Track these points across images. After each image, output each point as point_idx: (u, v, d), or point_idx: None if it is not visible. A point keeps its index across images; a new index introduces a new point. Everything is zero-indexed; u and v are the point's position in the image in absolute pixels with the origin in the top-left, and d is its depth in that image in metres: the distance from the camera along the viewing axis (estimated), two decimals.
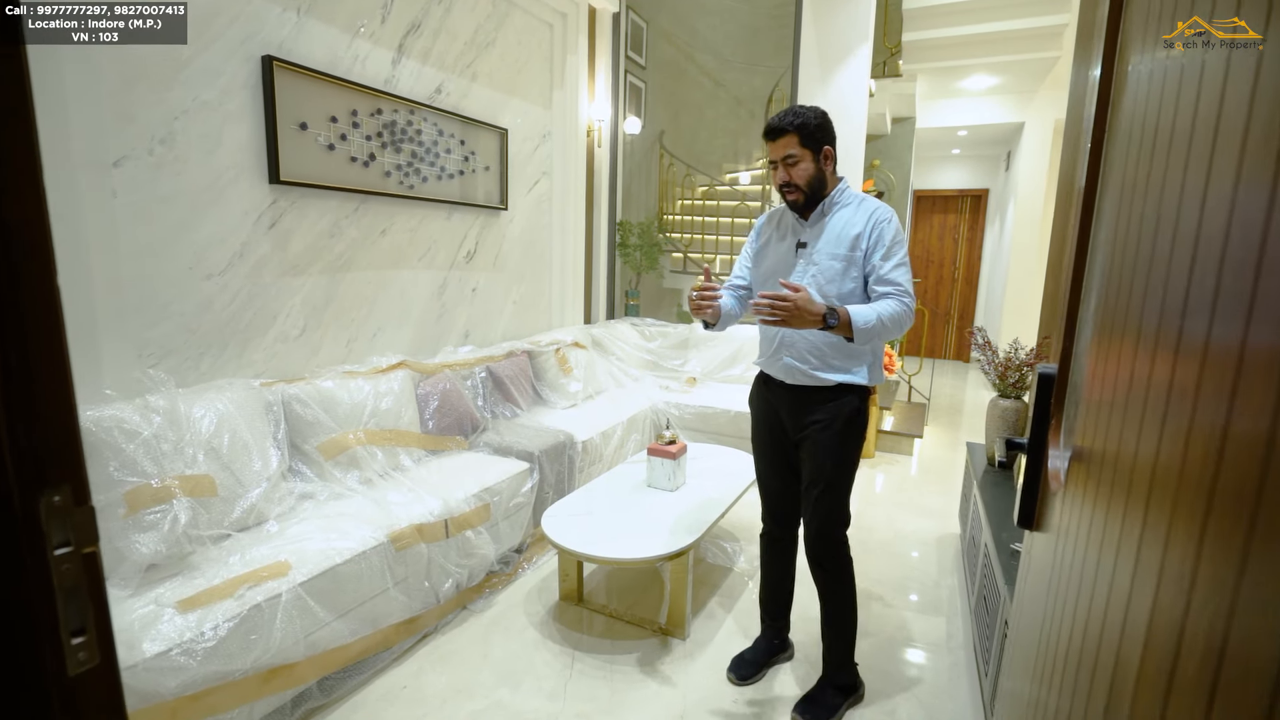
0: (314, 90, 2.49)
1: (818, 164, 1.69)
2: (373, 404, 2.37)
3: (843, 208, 1.72)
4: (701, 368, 4.12)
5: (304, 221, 2.54)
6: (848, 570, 1.81)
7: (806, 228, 1.75)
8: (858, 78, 3.88)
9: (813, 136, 1.67)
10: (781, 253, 1.80)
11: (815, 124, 1.67)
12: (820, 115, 1.70)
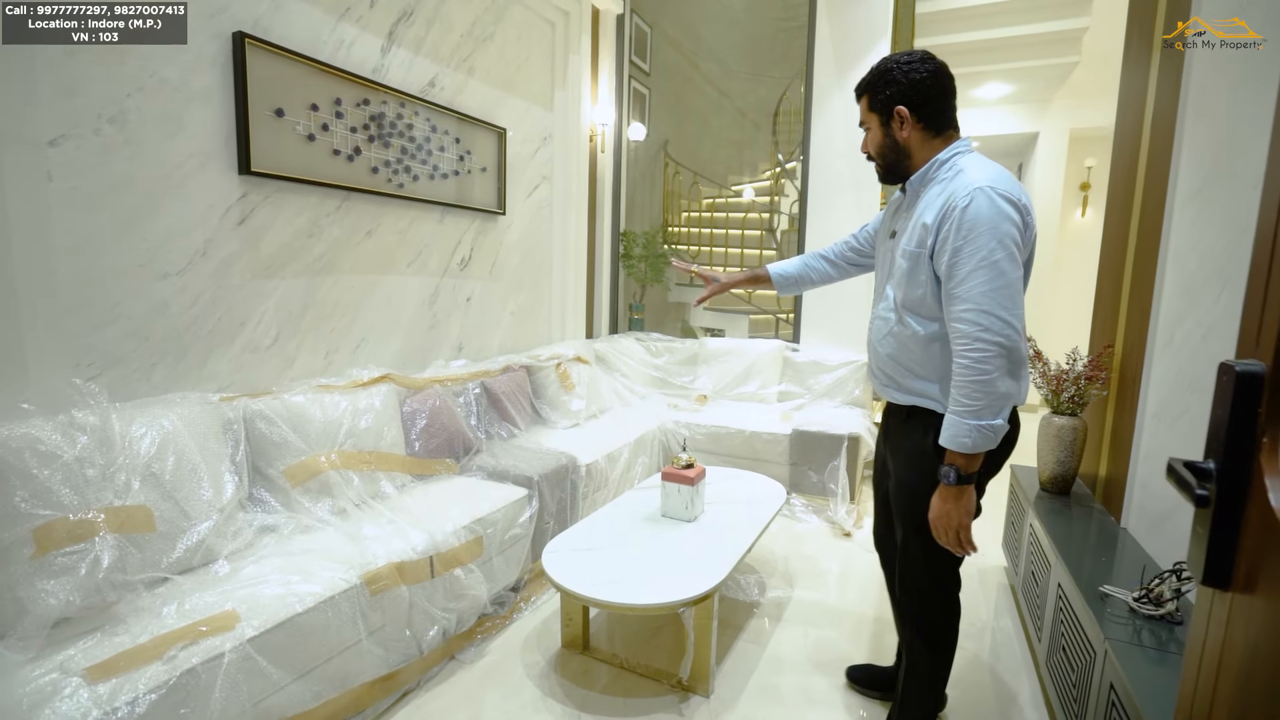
0: (292, 74, 2.25)
1: (886, 130, 1.36)
2: (350, 422, 2.08)
3: (934, 184, 1.31)
4: (713, 385, 3.84)
5: (279, 218, 2.28)
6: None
7: (903, 211, 1.40)
8: None
9: (877, 99, 1.35)
10: (881, 241, 1.53)
11: (880, 80, 1.34)
12: (891, 67, 1.33)
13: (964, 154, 1.31)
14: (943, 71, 1.33)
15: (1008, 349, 1.17)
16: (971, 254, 1.19)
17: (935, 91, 1.31)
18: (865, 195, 3.76)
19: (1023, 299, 1.21)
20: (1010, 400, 1.20)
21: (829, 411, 3.52)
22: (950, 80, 1.34)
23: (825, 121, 3.81)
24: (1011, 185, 1.23)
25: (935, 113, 1.32)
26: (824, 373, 3.72)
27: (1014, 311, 1.18)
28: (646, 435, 3.30)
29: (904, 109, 1.32)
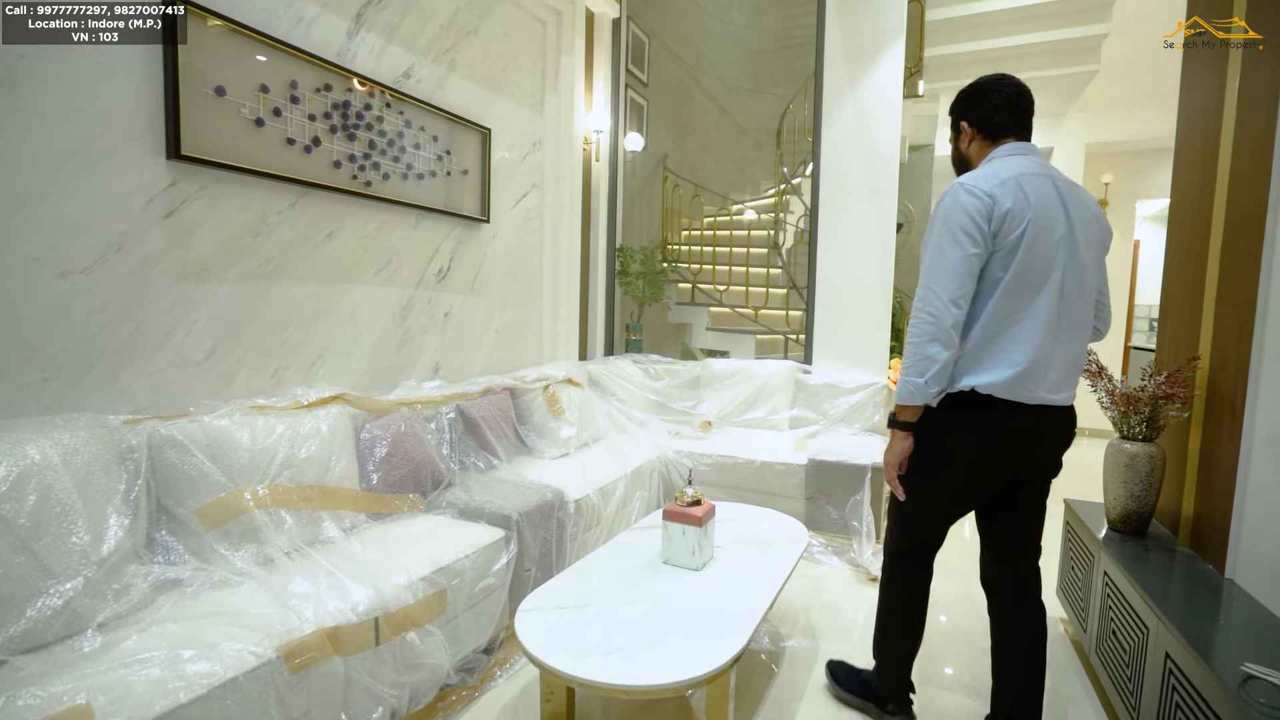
0: (237, 48, 1.96)
1: (956, 143, 1.58)
2: (287, 450, 1.73)
3: None
4: (718, 410, 3.49)
5: (217, 212, 1.97)
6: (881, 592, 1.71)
7: None
8: (890, 79, 3.42)
9: (954, 111, 1.56)
10: None
11: (960, 97, 1.55)
12: (971, 87, 1.52)
13: (999, 158, 1.45)
14: (986, 86, 1.50)
15: (935, 317, 1.33)
16: (928, 239, 1.40)
17: (985, 105, 1.49)
18: (882, 203, 3.47)
19: (960, 276, 1.32)
20: (935, 364, 1.33)
21: (847, 439, 3.16)
22: (994, 92, 1.49)
23: (837, 127, 3.55)
24: (985, 179, 1.35)
25: (986, 123, 1.50)
26: (840, 396, 3.38)
27: (945, 286, 1.32)
28: (645, 466, 2.93)
29: (965, 124, 1.53)
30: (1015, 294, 1.34)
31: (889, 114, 3.43)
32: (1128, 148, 5.58)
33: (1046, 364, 1.36)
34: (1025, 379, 1.34)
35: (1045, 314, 1.34)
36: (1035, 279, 1.34)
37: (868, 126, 3.47)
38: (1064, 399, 1.40)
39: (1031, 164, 1.40)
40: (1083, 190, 1.45)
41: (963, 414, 1.39)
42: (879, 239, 3.47)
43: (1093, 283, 1.42)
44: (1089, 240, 1.39)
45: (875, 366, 3.48)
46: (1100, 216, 1.45)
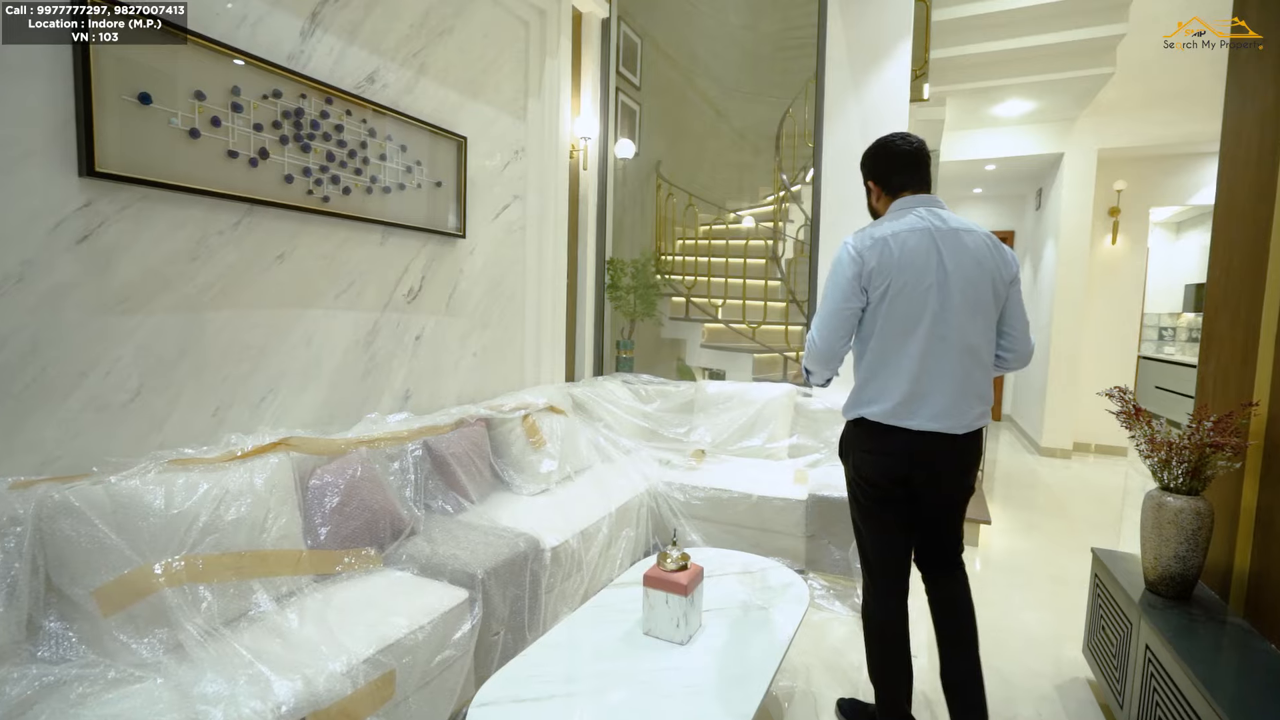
0: (166, 51, 1.74)
1: (868, 200, 1.78)
2: (211, 512, 1.50)
3: None
4: (712, 437, 3.27)
5: (143, 235, 1.75)
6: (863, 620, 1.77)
7: None
8: (896, 83, 3.20)
9: (862, 170, 1.76)
10: None
11: (864, 158, 1.75)
12: (870, 149, 1.73)
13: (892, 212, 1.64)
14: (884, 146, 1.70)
15: (812, 349, 1.67)
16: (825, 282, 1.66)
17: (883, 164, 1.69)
18: None
19: (833, 323, 1.61)
20: (811, 375, 1.75)
21: None
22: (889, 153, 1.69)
23: (839, 132, 3.33)
24: (862, 239, 1.59)
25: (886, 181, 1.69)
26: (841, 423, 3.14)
27: (822, 329, 1.63)
28: (632, 503, 2.71)
29: (870, 183, 1.73)
30: (889, 336, 1.57)
31: (895, 119, 3.21)
32: (1141, 153, 5.37)
33: (923, 396, 1.55)
34: (903, 409, 1.55)
35: (918, 353, 1.55)
36: (906, 324, 1.55)
37: (873, 131, 3.24)
38: (952, 426, 1.55)
39: (915, 219, 1.58)
40: (974, 234, 1.59)
41: (861, 437, 1.65)
42: None
43: (976, 321, 1.56)
44: (967, 283, 1.55)
45: None
46: (986, 259, 1.57)
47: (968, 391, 1.56)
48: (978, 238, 1.58)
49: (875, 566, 1.70)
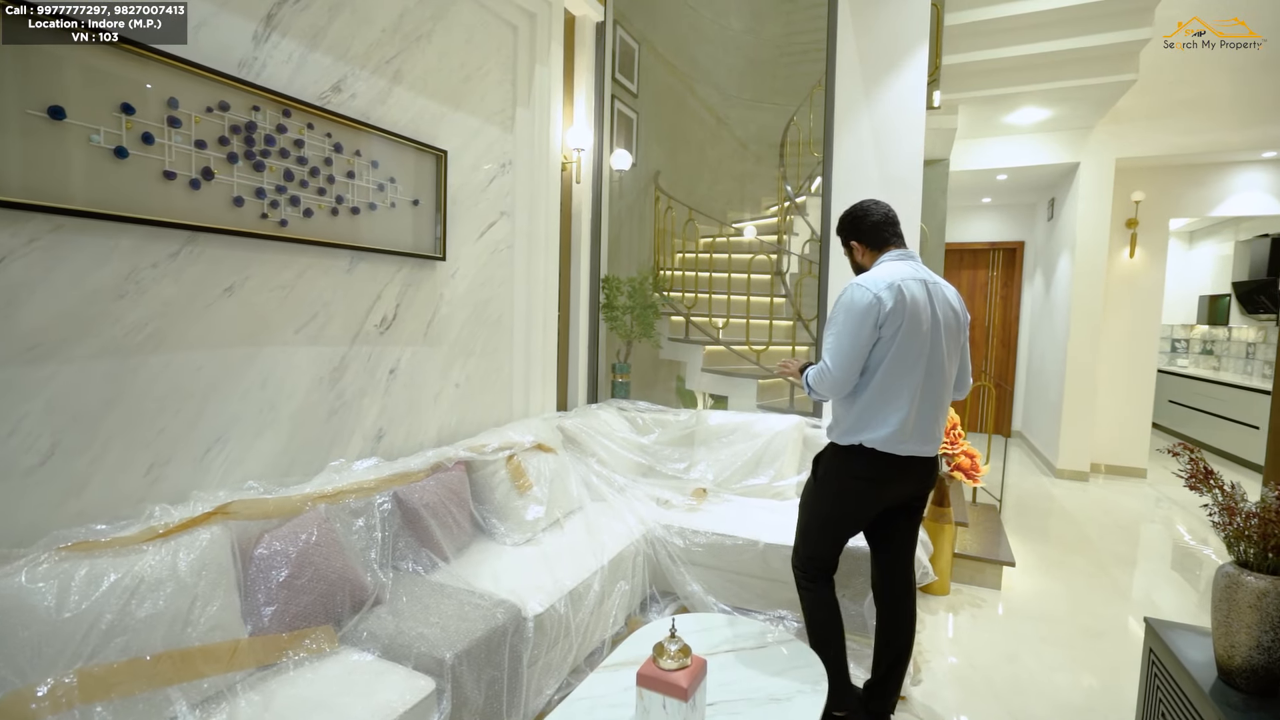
0: (85, 56, 1.51)
1: (853, 256, 2.01)
2: (119, 610, 1.26)
3: None
4: (714, 474, 3.03)
5: (58, 271, 1.51)
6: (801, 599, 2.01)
7: None
8: (911, 91, 2.97)
9: (841, 233, 2.02)
10: None
11: (841, 224, 2.01)
12: (846, 214, 1.99)
13: (887, 262, 1.87)
14: (864, 210, 1.97)
15: (828, 382, 1.81)
16: (832, 322, 1.83)
17: (867, 224, 1.95)
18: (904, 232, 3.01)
19: (851, 360, 1.78)
20: (818, 397, 1.90)
21: None
22: (872, 218, 1.95)
23: (851, 143, 3.10)
24: (874, 282, 1.77)
25: (872, 239, 1.94)
26: None
27: (840, 365, 1.79)
28: (626, 552, 2.47)
29: (854, 242, 1.98)
30: (893, 373, 1.76)
31: (909, 130, 2.98)
32: (1161, 163, 5.14)
33: (913, 426, 1.78)
34: (897, 437, 1.76)
35: (915, 387, 1.77)
36: (908, 362, 1.76)
37: (886, 144, 3.02)
38: (928, 450, 1.83)
39: (910, 269, 1.82)
40: (946, 286, 1.87)
41: (855, 461, 1.81)
42: None
43: (952, 362, 1.86)
44: (948, 329, 1.82)
45: None
46: (958, 309, 1.88)
47: (940, 419, 1.84)
48: (952, 290, 1.89)
49: (818, 570, 1.95)
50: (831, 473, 1.86)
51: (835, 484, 1.85)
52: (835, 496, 1.86)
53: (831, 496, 1.86)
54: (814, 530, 1.92)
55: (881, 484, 1.81)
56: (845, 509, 1.87)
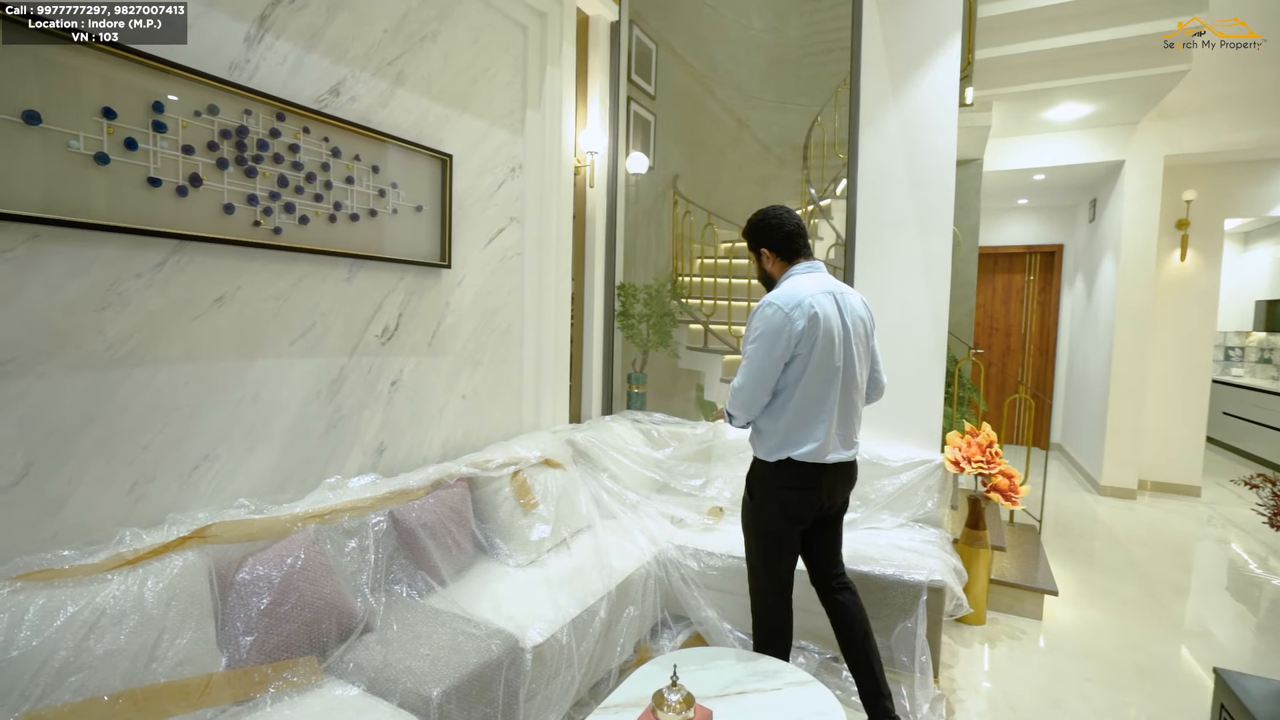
0: (62, 58, 1.45)
1: (761, 264, 1.99)
2: (75, 646, 1.17)
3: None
4: (732, 491, 2.88)
5: (31, 284, 1.44)
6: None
7: None
8: (942, 87, 2.80)
9: (752, 238, 1.98)
10: None
11: (753, 228, 1.97)
12: (757, 219, 1.96)
13: (796, 275, 1.90)
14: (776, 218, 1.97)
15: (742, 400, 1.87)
16: (749, 336, 1.85)
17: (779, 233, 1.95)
18: (935, 238, 2.84)
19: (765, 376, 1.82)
20: (734, 420, 1.94)
21: (892, 537, 2.52)
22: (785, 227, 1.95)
23: (877, 143, 2.93)
24: (786, 300, 1.80)
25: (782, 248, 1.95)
26: (883, 476, 2.74)
27: (753, 380, 1.83)
28: (637, 575, 2.34)
29: (765, 249, 1.96)
30: (812, 388, 1.81)
31: (941, 130, 2.81)
32: (1214, 160, 4.84)
33: (834, 435, 1.85)
34: (822, 448, 1.82)
35: (834, 399, 1.83)
36: (826, 375, 1.81)
37: (916, 144, 2.85)
38: (850, 455, 1.91)
39: (817, 282, 1.86)
40: (853, 294, 1.93)
41: (787, 473, 1.85)
42: (931, 281, 2.83)
43: (864, 368, 1.92)
44: (858, 337, 1.87)
45: (927, 439, 2.84)
46: (865, 316, 1.93)
47: (856, 424, 1.91)
48: (859, 297, 1.95)
49: (782, 586, 1.95)
50: (769, 490, 1.89)
51: (776, 499, 1.87)
52: (779, 510, 1.88)
53: (775, 512, 1.88)
54: (771, 550, 1.92)
55: (815, 490, 1.86)
56: (790, 520, 1.89)
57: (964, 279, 5.12)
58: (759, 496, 1.92)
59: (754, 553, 1.97)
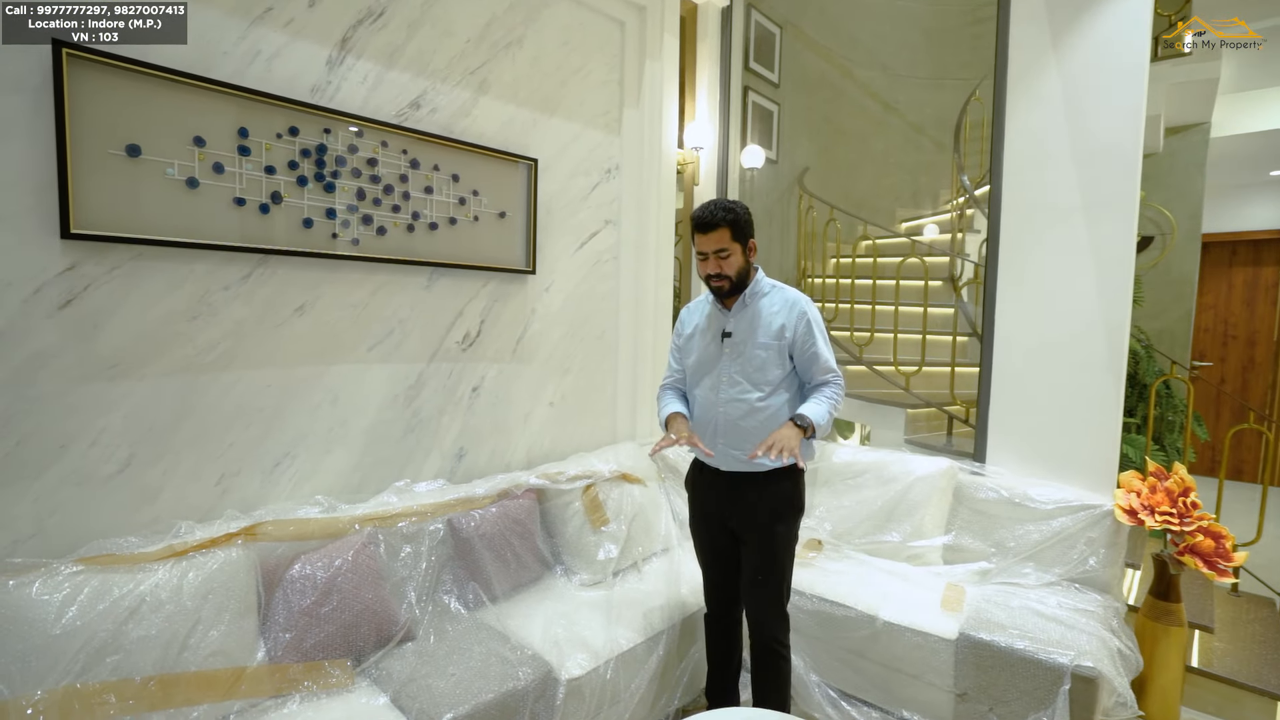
0: (159, 97, 1.61)
1: (745, 256, 1.77)
2: (114, 629, 1.27)
3: (763, 297, 1.80)
4: (833, 523, 2.52)
5: (134, 296, 1.63)
6: (784, 683, 1.82)
7: (730, 317, 1.81)
8: (1124, 32, 2.20)
9: (742, 231, 1.74)
10: (706, 343, 1.85)
11: (744, 219, 1.75)
12: (746, 210, 1.77)
13: (764, 276, 1.85)
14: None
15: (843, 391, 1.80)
16: (822, 336, 1.77)
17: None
18: (1111, 222, 2.24)
19: None
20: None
21: (1032, 598, 2.02)
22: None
23: (1030, 111, 2.40)
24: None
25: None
26: (1028, 521, 2.22)
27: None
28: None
29: (753, 241, 1.79)
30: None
31: (1123, 83, 2.21)
32: None
33: None
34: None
35: None
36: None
37: (1083, 106, 2.28)
38: None
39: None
40: None
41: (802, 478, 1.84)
42: (1104, 277, 2.24)
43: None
44: None
45: (1092, 477, 2.25)
46: None
47: None
48: None
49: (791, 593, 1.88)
50: (801, 496, 1.83)
51: (801, 508, 1.84)
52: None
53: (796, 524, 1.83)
54: (790, 573, 1.83)
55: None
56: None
57: (1178, 274, 4.11)
58: (798, 502, 1.82)
59: (789, 570, 1.84)
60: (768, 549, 1.75)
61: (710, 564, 1.91)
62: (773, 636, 1.78)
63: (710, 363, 1.83)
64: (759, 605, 1.79)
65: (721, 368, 1.80)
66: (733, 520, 1.80)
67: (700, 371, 1.85)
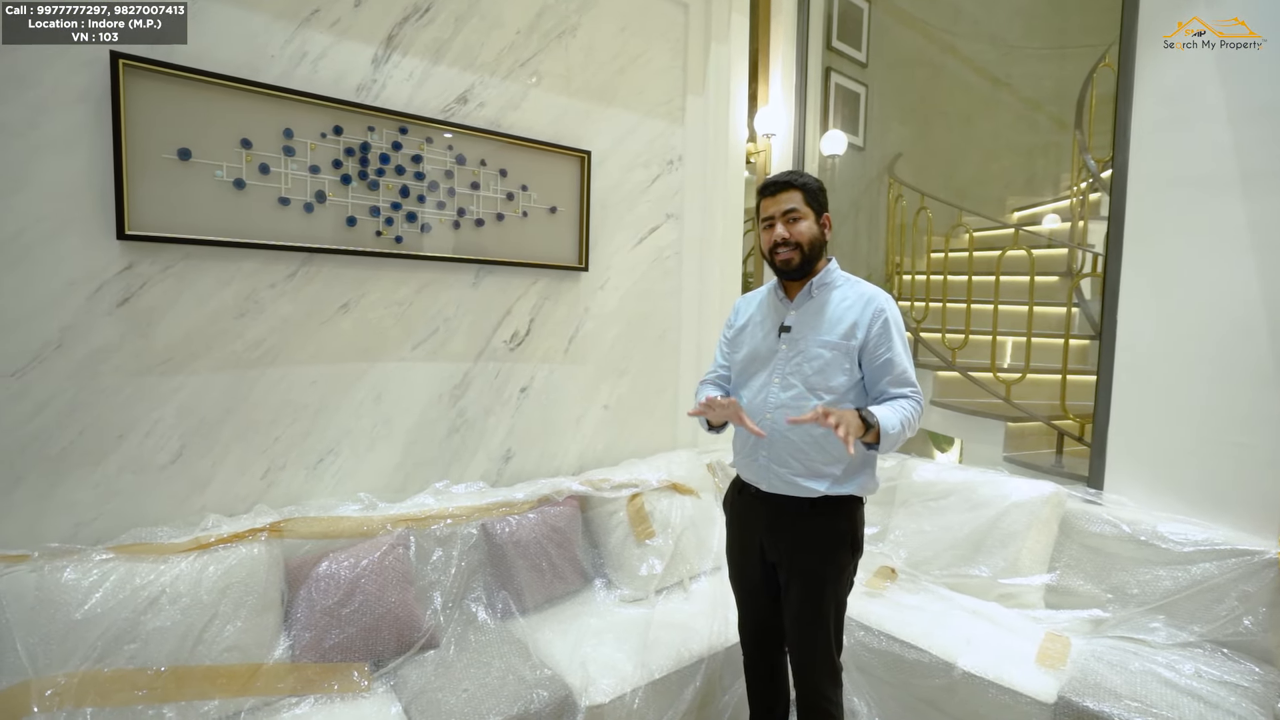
0: (208, 101, 1.67)
1: (819, 226, 1.53)
2: (134, 618, 1.30)
3: (834, 289, 1.54)
4: (910, 550, 2.21)
5: (187, 294, 1.69)
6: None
7: (791, 309, 1.56)
8: None
9: (815, 198, 1.53)
10: (760, 337, 1.60)
11: (817, 187, 1.55)
12: (821, 183, 1.57)
13: (838, 267, 1.58)
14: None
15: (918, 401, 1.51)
16: (903, 345, 1.49)
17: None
18: (1272, 202, 1.81)
19: None
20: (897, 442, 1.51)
21: (1166, 662, 1.64)
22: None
23: (1163, 76, 1.98)
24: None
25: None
26: (1160, 564, 1.82)
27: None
28: None
29: (828, 216, 1.55)
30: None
31: None
32: None
33: None
34: None
35: None
36: None
37: (1237, 58, 1.85)
38: None
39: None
40: None
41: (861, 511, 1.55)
42: (1266, 265, 1.81)
43: None
44: None
45: (1247, 515, 1.81)
46: None
47: None
48: None
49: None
50: (857, 532, 1.54)
51: (859, 546, 1.56)
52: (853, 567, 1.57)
53: (852, 565, 1.56)
54: (841, 620, 1.58)
55: None
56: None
57: None
58: (855, 540, 1.53)
59: (840, 618, 1.57)
60: (814, 594, 1.49)
61: (745, 600, 1.67)
62: (819, 692, 1.53)
63: (763, 360, 1.56)
64: (803, 654, 1.54)
65: (775, 367, 1.53)
66: (774, 554, 1.55)
67: (749, 370, 1.59)
